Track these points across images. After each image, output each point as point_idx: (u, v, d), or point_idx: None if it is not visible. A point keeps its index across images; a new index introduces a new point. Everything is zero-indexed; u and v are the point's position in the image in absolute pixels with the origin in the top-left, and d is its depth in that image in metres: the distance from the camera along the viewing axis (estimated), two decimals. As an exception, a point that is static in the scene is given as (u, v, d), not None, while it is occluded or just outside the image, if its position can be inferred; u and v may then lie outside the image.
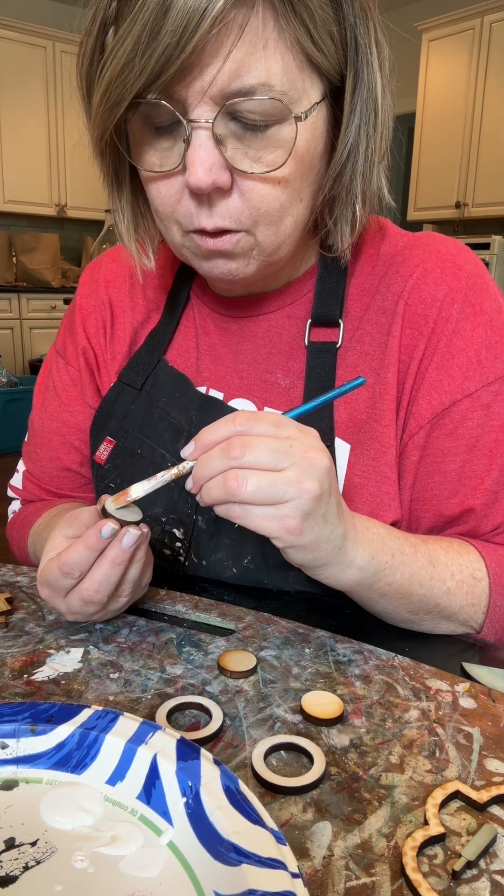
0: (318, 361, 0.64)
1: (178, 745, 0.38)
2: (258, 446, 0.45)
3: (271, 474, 0.45)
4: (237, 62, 0.46)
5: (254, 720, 0.45)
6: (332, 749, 0.43)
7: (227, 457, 0.46)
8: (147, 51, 0.45)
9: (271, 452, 0.45)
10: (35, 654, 0.53)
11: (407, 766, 0.42)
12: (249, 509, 0.46)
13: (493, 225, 4.48)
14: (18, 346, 4.99)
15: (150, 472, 0.67)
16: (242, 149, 0.51)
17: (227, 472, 0.46)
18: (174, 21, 0.44)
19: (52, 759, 0.39)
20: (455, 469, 0.62)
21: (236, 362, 0.69)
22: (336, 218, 0.60)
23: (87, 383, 0.76)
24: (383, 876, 0.34)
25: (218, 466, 0.46)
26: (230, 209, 0.53)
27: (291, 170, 0.52)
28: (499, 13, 4.10)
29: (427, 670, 0.52)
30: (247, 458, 0.45)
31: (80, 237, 5.66)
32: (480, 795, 0.39)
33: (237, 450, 0.45)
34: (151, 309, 0.74)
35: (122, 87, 0.48)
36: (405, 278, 0.63)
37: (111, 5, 0.48)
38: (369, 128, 0.55)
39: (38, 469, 0.80)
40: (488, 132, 4.24)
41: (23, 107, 5.03)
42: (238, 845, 0.31)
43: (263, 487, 0.45)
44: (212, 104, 0.48)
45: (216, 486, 0.46)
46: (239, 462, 0.45)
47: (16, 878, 0.32)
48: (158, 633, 0.56)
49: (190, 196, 0.53)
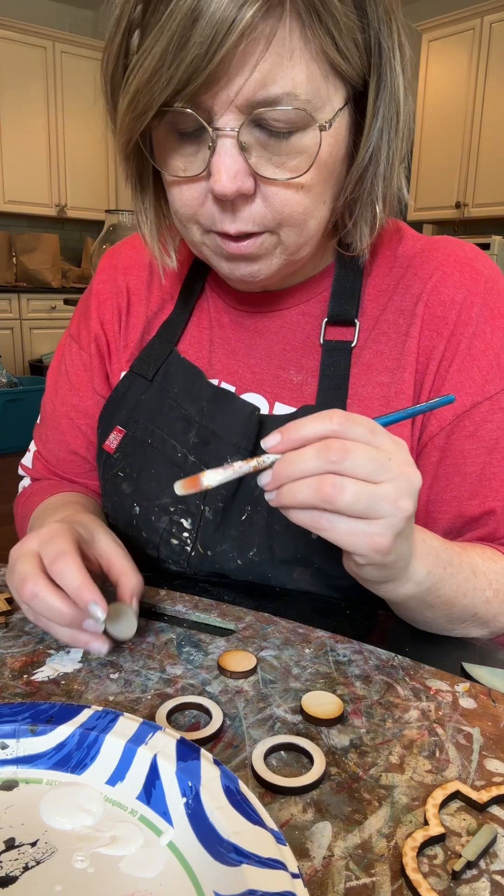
0: (333, 360, 0.64)
1: (178, 746, 0.38)
2: (359, 453, 0.42)
3: (370, 486, 0.42)
4: (263, 73, 0.47)
5: (254, 720, 0.45)
6: (332, 749, 0.43)
7: (325, 459, 0.42)
8: (175, 61, 0.46)
9: (372, 462, 0.42)
10: (35, 654, 0.53)
11: (407, 767, 0.42)
12: (337, 521, 0.43)
13: (493, 225, 4.48)
14: (18, 346, 4.99)
15: (160, 461, 0.68)
16: (266, 155, 0.51)
17: (324, 476, 0.42)
18: (203, 31, 0.44)
19: (52, 760, 0.39)
20: (475, 471, 0.63)
21: (249, 357, 0.69)
22: (356, 219, 0.60)
23: (97, 369, 0.77)
24: (383, 876, 0.34)
25: (311, 467, 0.43)
26: (253, 214, 0.53)
27: (314, 175, 0.53)
28: (499, 13, 4.09)
29: (427, 670, 0.52)
30: (346, 465, 0.42)
31: (80, 237, 5.67)
32: (480, 795, 0.39)
33: (336, 453, 0.42)
34: (166, 299, 0.75)
35: (149, 96, 0.48)
36: (424, 280, 0.64)
37: (136, 8, 0.48)
38: (391, 131, 0.55)
39: (47, 450, 0.81)
40: (488, 132, 4.24)
41: (23, 107, 5.03)
42: (238, 845, 0.31)
43: (363, 499, 0.42)
44: (237, 113, 0.49)
45: (307, 489, 0.42)
46: (337, 467, 0.42)
47: (16, 878, 0.32)
48: (158, 633, 0.56)
49: (213, 201, 0.53)
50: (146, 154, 0.56)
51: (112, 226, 2.93)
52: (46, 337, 5.09)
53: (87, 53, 5.24)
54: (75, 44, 5.18)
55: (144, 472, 0.68)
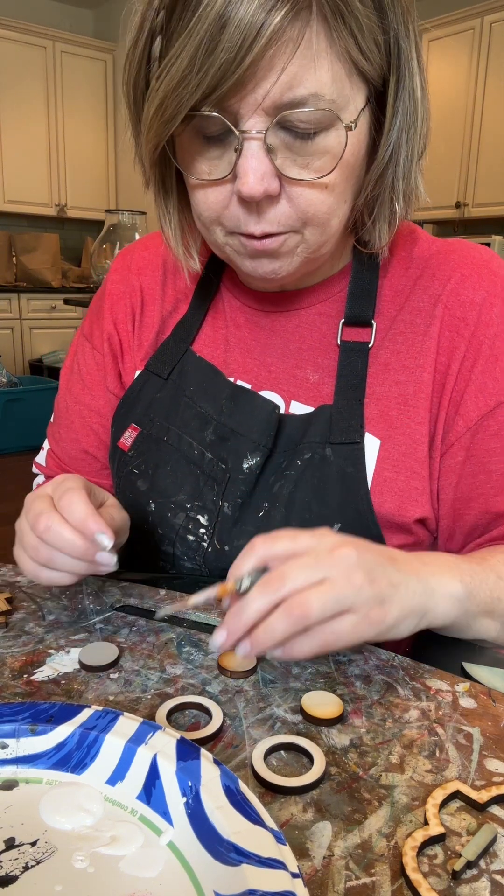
0: (350, 360, 0.65)
1: (178, 745, 0.38)
2: (294, 570, 0.44)
3: (322, 587, 0.43)
4: (290, 75, 0.47)
5: (254, 720, 0.45)
6: (332, 749, 0.43)
7: (270, 593, 0.43)
8: (204, 66, 0.46)
9: (308, 569, 0.44)
10: (35, 654, 0.53)
11: (407, 766, 0.42)
12: (334, 628, 0.44)
13: (493, 225, 4.48)
14: (18, 346, 4.99)
15: (175, 458, 0.68)
16: (291, 157, 0.52)
17: (287, 602, 0.43)
18: (231, 37, 0.44)
19: (52, 759, 0.39)
20: (501, 468, 0.64)
21: (265, 355, 0.69)
22: (375, 217, 0.61)
23: (110, 369, 0.77)
24: (383, 876, 0.34)
25: (261, 605, 0.43)
26: (278, 215, 0.54)
27: (338, 175, 0.54)
28: (499, 13, 4.09)
29: (427, 670, 0.52)
30: (289, 586, 0.43)
31: (80, 237, 5.66)
32: (480, 795, 0.39)
33: (276, 582, 0.43)
34: (180, 299, 0.75)
35: (178, 101, 0.49)
36: (443, 282, 0.64)
37: (158, 15, 0.49)
38: (410, 130, 0.56)
39: (60, 449, 0.82)
40: (488, 132, 4.24)
41: (23, 107, 5.03)
42: (238, 845, 0.31)
43: (329, 598, 0.43)
44: (264, 115, 0.49)
45: (277, 623, 0.43)
46: (285, 591, 0.43)
47: (16, 878, 0.32)
48: (158, 633, 0.56)
49: (238, 203, 0.54)
50: (172, 159, 0.56)
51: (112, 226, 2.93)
52: (46, 337, 5.09)
53: (87, 53, 5.25)
54: (75, 44, 5.18)
55: (160, 469, 0.69)
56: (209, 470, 0.66)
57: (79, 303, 3.61)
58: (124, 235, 2.90)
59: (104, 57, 5.34)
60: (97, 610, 0.60)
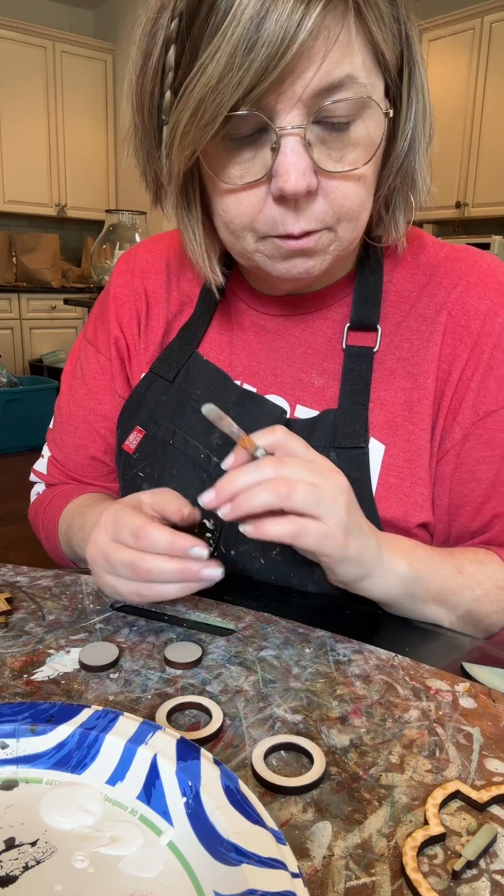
0: (355, 364, 0.65)
1: (178, 745, 0.38)
2: (294, 462, 0.49)
3: (310, 486, 0.48)
4: (330, 62, 0.48)
5: (254, 720, 0.45)
6: (332, 749, 0.43)
7: (268, 468, 0.48)
8: (244, 63, 0.46)
9: (304, 470, 0.48)
10: (35, 654, 0.53)
11: (407, 766, 0.42)
12: (305, 525, 0.48)
13: (493, 225, 4.48)
14: (18, 346, 4.99)
15: (181, 462, 0.69)
16: (326, 151, 0.52)
17: (276, 478, 0.47)
18: (271, 33, 0.45)
19: (52, 759, 0.39)
20: (489, 477, 0.64)
21: (270, 359, 0.69)
22: (393, 209, 0.62)
23: (118, 373, 0.77)
24: (383, 876, 0.34)
25: (255, 477, 0.48)
26: (315, 212, 0.54)
27: (371, 166, 0.54)
28: (499, 13, 4.09)
29: (427, 670, 0.52)
30: (285, 471, 0.48)
31: (80, 237, 5.67)
32: (480, 795, 0.39)
33: (275, 464, 0.48)
34: (185, 302, 0.75)
35: (218, 102, 0.48)
36: (448, 290, 0.65)
37: (171, 23, 0.49)
38: (420, 119, 0.58)
39: (63, 456, 0.81)
40: (488, 132, 4.24)
41: (23, 107, 5.03)
42: (238, 845, 0.31)
43: (312, 494, 0.47)
44: (302, 109, 0.49)
45: (263, 493, 0.47)
46: (279, 472, 0.48)
47: (16, 878, 0.32)
48: (158, 633, 0.56)
49: (275, 203, 0.53)
50: (202, 165, 0.55)
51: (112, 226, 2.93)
52: (46, 337, 5.09)
53: (87, 53, 5.25)
54: (75, 44, 5.18)
55: (166, 472, 0.69)
56: (215, 474, 0.66)
57: (79, 303, 3.60)
58: (124, 235, 2.90)
59: (104, 57, 5.35)
60: (97, 610, 0.60)
